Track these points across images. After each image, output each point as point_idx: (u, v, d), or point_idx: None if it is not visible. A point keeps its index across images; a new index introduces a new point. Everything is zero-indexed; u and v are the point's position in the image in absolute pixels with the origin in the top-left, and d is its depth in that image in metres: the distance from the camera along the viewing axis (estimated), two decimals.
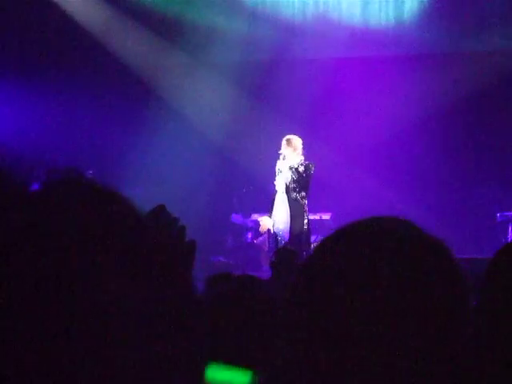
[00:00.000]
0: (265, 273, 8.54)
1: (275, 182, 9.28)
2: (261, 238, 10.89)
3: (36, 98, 12.61)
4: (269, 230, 9.55)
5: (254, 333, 1.70)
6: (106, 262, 0.92)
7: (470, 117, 12.45)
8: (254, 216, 11.58)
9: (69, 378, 0.87)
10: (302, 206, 9.14)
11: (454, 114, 12.36)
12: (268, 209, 9.56)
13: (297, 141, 9.25)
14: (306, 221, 9.14)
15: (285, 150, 9.16)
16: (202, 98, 12.77)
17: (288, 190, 9.17)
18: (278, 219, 9.28)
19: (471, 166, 12.37)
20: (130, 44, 12.76)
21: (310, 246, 9.42)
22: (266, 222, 9.51)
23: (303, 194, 9.16)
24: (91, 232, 0.92)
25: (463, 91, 12.14)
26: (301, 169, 9.08)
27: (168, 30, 12.81)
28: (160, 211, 1.12)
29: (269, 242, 9.66)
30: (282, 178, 9.16)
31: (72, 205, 0.95)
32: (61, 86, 12.69)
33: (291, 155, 9.13)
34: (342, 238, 1.12)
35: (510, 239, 10.15)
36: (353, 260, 1.06)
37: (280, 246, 8.81)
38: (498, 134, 12.30)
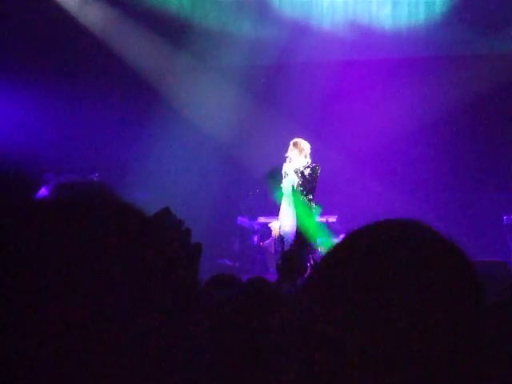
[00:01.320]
0: (271, 275, 8.53)
1: (281, 185, 9.27)
2: (267, 241, 10.88)
3: (40, 102, 12.63)
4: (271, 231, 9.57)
5: (263, 333, 1.70)
6: (117, 270, 0.93)
7: (476, 119, 12.42)
8: (261, 219, 11.58)
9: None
10: (309, 208, 9.13)
11: (460, 117, 12.34)
12: (276, 212, 9.56)
13: (304, 144, 9.23)
14: None
15: (291, 152, 9.16)
16: (208, 102, 12.77)
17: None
18: (284, 222, 9.28)
19: (478, 168, 12.34)
20: (136, 47, 12.77)
21: (315, 248, 9.40)
22: (277, 227, 9.49)
23: (310, 196, 9.15)
24: (106, 242, 0.94)
25: (469, 94, 12.11)
26: (306, 172, 9.06)
27: (174, 33, 12.82)
28: (165, 214, 1.13)
29: (275, 244, 9.65)
30: (288, 181, 9.15)
31: (93, 217, 0.97)
32: (66, 90, 12.71)
33: (297, 158, 9.12)
34: (356, 239, 1.11)
35: None
36: (366, 262, 1.05)
37: (286, 248, 8.81)
38: (504, 136, 12.27)
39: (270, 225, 9.86)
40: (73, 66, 12.79)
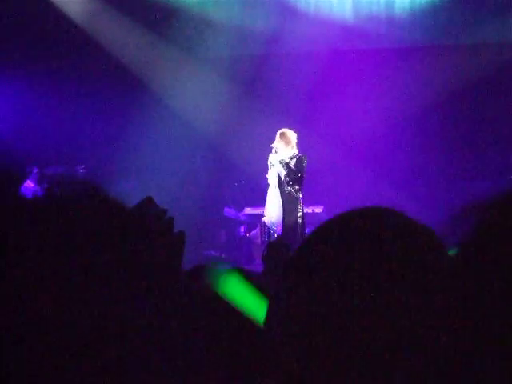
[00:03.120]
0: (257, 266, 8.54)
1: (267, 176, 9.25)
2: (253, 232, 10.90)
3: (27, 93, 12.57)
4: (262, 223, 9.53)
5: (246, 325, 1.70)
6: (101, 264, 0.93)
7: (466, 108, 12.44)
8: (247, 210, 11.58)
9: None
10: (297, 199, 9.09)
11: (452, 106, 12.36)
12: (262, 203, 9.55)
13: (291, 134, 9.18)
14: (300, 214, 9.08)
15: (277, 143, 9.12)
16: (195, 92, 12.74)
17: (281, 184, 9.14)
18: (270, 213, 9.27)
19: (472, 158, 12.37)
20: (121, 38, 12.71)
21: (301, 238, 9.39)
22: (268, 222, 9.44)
23: (297, 187, 9.11)
24: (96, 239, 0.95)
25: (461, 83, 12.11)
26: (292, 163, 9.03)
27: (159, 23, 12.76)
28: (148, 203, 1.12)
29: (261, 235, 9.65)
30: (274, 172, 9.13)
31: (83, 216, 0.97)
32: (52, 81, 12.64)
33: (283, 149, 9.09)
34: (330, 230, 1.11)
35: None
36: (342, 251, 1.05)
37: (272, 239, 8.81)
38: (499, 125, 12.28)
39: (263, 219, 9.73)
40: (58, 58, 12.71)
